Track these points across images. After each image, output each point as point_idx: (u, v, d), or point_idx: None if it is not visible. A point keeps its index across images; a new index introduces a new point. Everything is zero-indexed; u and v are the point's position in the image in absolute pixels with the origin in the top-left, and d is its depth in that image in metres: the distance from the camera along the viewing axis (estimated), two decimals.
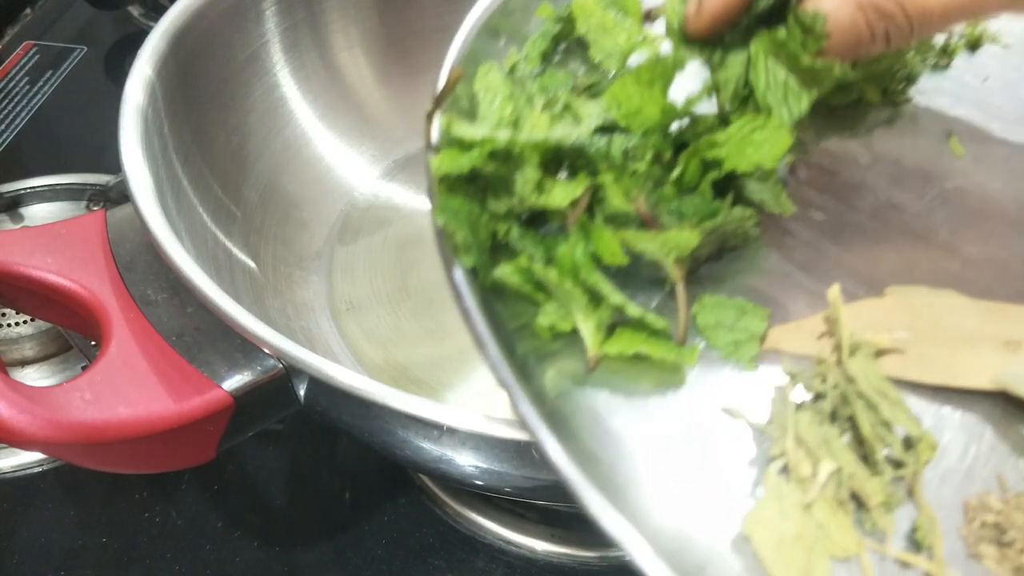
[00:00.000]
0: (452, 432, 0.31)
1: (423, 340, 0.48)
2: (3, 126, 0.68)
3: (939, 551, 0.22)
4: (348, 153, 0.57)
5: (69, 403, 0.33)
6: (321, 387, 0.34)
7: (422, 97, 0.61)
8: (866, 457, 0.24)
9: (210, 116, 0.49)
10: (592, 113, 0.27)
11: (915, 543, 0.23)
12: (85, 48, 0.75)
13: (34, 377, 0.53)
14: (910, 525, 0.23)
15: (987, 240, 0.28)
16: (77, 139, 0.68)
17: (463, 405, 0.45)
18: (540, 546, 0.45)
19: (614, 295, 0.25)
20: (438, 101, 0.26)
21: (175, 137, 0.46)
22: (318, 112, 0.56)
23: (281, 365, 0.35)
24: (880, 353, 0.25)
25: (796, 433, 0.24)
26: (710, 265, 0.27)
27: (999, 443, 0.24)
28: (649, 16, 0.33)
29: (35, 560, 0.45)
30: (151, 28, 0.46)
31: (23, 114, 0.69)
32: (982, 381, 0.25)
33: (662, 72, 0.27)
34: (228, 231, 0.48)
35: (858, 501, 0.23)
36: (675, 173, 0.27)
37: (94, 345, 0.43)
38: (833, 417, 0.24)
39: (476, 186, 0.26)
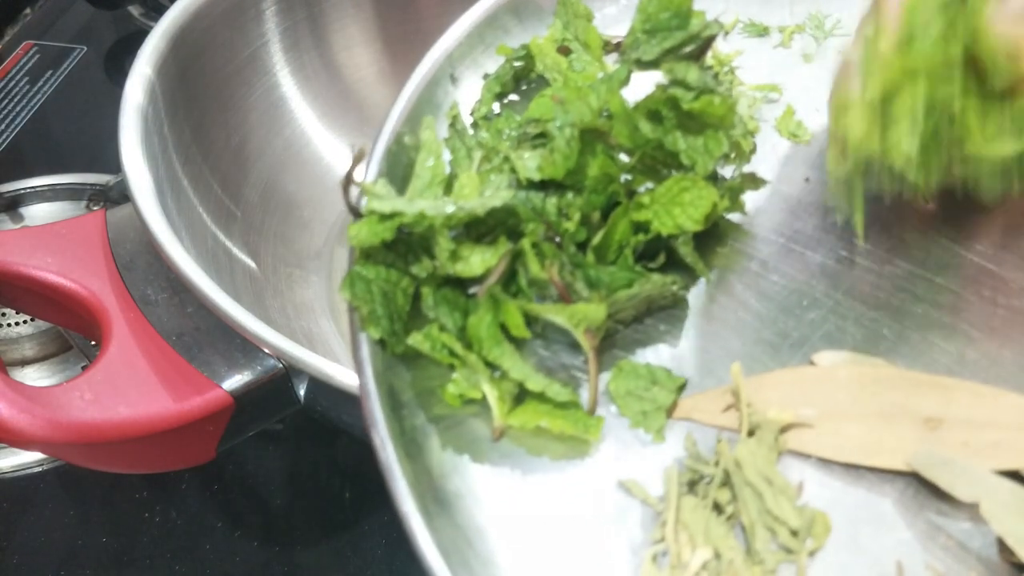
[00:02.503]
0: None
1: None
2: (3, 126, 0.68)
3: None
4: (348, 153, 0.57)
5: (69, 403, 0.33)
6: (321, 387, 0.34)
7: None
8: (751, 543, 0.23)
9: (210, 116, 0.49)
10: (531, 167, 0.27)
11: None
12: (85, 48, 0.75)
13: (34, 377, 0.53)
14: None
15: (934, 302, 0.27)
16: (77, 139, 0.68)
17: None
18: None
19: (515, 369, 0.25)
20: (347, 177, 0.26)
21: (175, 137, 0.46)
22: (318, 112, 0.56)
23: (281, 365, 0.35)
24: (790, 428, 0.24)
25: (679, 517, 0.23)
26: (636, 326, 0.27)
27: (906, 530, 0.23)
28: (614, 47, 0.33)
29: (35, 560, 0.45)
30: (151, 28, 0.46)
31: (23, 114, 0.69)
32: (896, 461, 0.24)
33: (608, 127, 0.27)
34: (228, 231, 0.48)
35: None
36: (595, 240, 0.27)
37: (94, 345, 0.43)
38: (720, 500, 0.23)
39: (397, 251, 0.26)
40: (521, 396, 0.25)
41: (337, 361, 0.33)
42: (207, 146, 0.49)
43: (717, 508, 0.23)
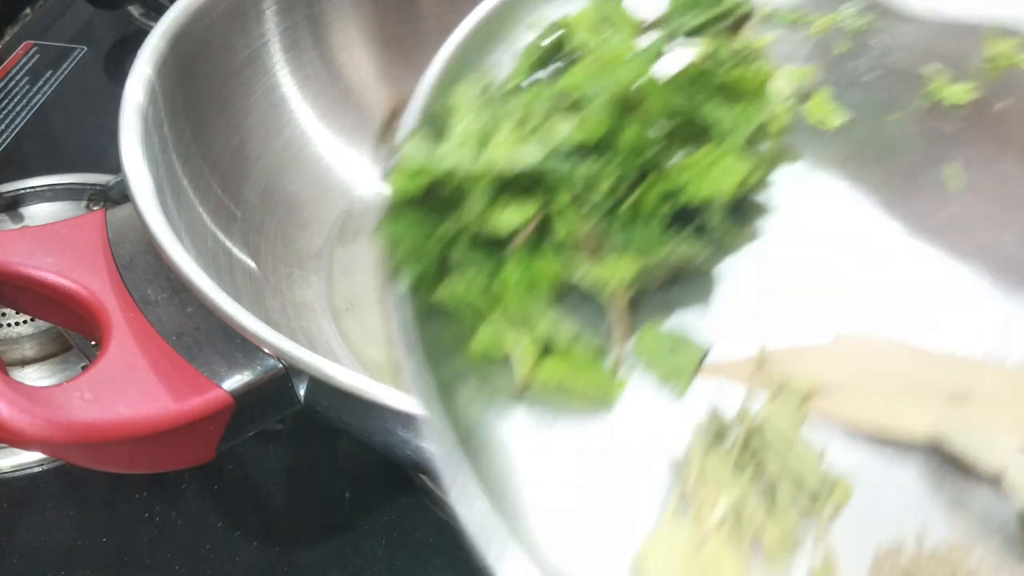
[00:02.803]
0: None
1: None
2: (3, 126, 0.68)
3: None
4: (348, 153, 0.57)
5: (69, 403, 0.33)
6: (321, 387, 0.34)
7: None
8: (772, 501, 0.23)
9: (210, 116, 0.49)
10: (563, 134, 0.27)
11: None
12: (85, 48, 0.75)
13: (34, 377, 0.53)
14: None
15: (960, 287, 0.27)
16: (77, 139, 0.68)
17: None
18: None
19: (544, 322, 0.25)
20: (385, 130, 0.26)
21: (175, 137, 0.46)
22: (318, 112, 0.56)
23: (281, 365, 0.35)
24: (813, 397, 0.25)
25: (702, 472, 0.23)
26: (662, 292, 0.27)
27: (927, 502, 0.23)
28: (647, 29, 0.33)
29: (35, 560, 0.45)
30: (151, 28, 0.46)
31: (23, 114, 0.69)
32: (919, 432, 0.24)
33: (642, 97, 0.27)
34: (228, 231, 0.48)
35: (759, 545, 0.23)
36: (625, 206, 0.27)
37: (94, 345, 0.43)
38: (742, 459, 0.24)
39: (430, 205, 0.26)
40: (546, 353, 0.26)
41: (337, 361, 0.33)
42: (207, 146, 0.49)
43: (740, 466, 0.24)
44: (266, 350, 0.35)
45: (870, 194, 0.30)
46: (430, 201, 0.26)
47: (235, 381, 0.35)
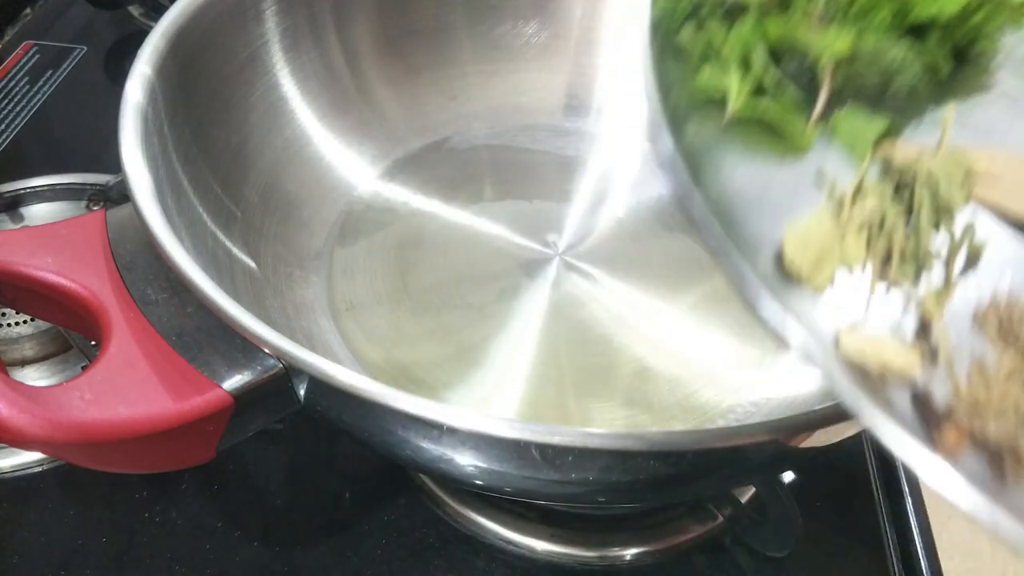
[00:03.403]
0: (452, 432, 0.31)
1: (423, 340, 0.48)
2: (3, 126, 0.68)
3: (942, 308, 0.25)
4: (348, 153, 0.57)
5: (69, 403, 0.33)
6: (321, 387, 0.34)
7: (422, 97, 0.61)
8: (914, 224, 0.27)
9: (210, 116, 0.49)
10: None
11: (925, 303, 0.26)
12: (85, 48, 0.75)
13: (34, 377, 0.53)
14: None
15: None
16: (77, 139, 0.68)
17: (463, 405, 0.45)
18: (540, 546, 0.45)
19: (759, 62, 0.29)
20: None
21: (175, 137, 0.46)
22: (318, 112, 0.56)
23: (281, 365, 0.35)
24: (977, 177, 0.28)
25: (859, 187, 0.28)
26: (869, 100, 0.30)
27: None
28: None
29: (35, 560, 0.45)
30: (151, 28, 0.46)
31: (23, 114, 0.69)
32: None
33: None
34: (228, 231, 0.48)
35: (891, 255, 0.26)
36: (859, 4, 0.30)
37: (94, 345, 0.43)
38: (898, 188, 0.28)
39: None
40: (757, 94, 0.30)
41: (337, 361, 0.33)
42: (207, 146, 0.49)
43: (895, 191, 0.27)
44: (266, 350, 0.35)
45: None
46: None
47: (235, 381, 0.35)
